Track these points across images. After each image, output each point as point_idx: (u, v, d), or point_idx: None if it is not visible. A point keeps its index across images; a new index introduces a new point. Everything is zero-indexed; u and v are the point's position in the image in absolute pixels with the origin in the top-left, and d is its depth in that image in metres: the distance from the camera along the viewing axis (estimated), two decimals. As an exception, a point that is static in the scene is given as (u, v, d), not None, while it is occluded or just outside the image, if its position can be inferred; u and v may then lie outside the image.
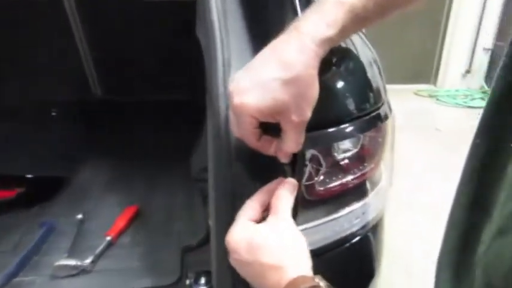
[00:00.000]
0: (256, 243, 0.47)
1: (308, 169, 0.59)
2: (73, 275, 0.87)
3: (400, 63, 3.65)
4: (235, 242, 0.48)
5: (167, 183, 1.16)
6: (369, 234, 0.79)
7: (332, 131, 0.61)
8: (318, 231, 0.69)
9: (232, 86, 0.48)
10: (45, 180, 1.19)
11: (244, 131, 0.51)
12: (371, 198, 0.77)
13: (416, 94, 3.69)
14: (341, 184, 0.70)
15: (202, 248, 0.93)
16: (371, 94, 0.69)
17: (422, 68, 3.83)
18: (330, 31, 0.46)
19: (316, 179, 0.61)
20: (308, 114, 0.49)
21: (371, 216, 0.78)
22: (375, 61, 0.75)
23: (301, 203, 0.64)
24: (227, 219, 0.55)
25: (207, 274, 0.84)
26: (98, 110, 1.70)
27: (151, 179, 1.21)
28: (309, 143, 0.58)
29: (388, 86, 0.78)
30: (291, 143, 0.51)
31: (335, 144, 0.66)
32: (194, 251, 0.93)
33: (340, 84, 0.64)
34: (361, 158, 0.73)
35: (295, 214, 0.59)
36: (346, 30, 0.47)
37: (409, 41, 3.64)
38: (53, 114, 1.71)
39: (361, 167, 0.73)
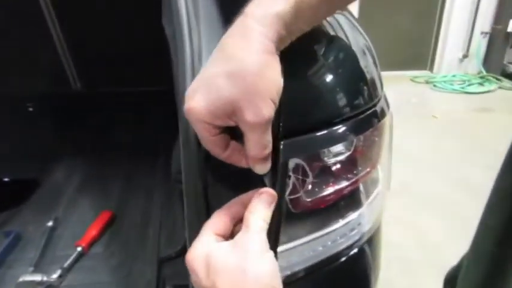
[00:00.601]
0: (214, 265, 0.38)
1: (292, 180, 0.50)
2: (38, 292, 0.78)
3: (395, 48, 3.56)
4: (193, 260, 0.39)
5: (145, 185, 1.07)
6: (365, 246, 0.71)
7: (319, 136, 0.52)
8: (306, 248, 0.60)
9: (187, 90, 0.41)
10: (13, 184, 1.10)
11: (203, 141, 0.43)
12: (367, 206, 0.69)
13: (412, 81, 3.61)
14: (332, 193, 0.61)
15: (181, 258, 0.84)
16: (365, 88, 0.60)
17: (418, 53, 3.74)
18: (277, 6, 0.39)
19: (301, 192, 0.53)
20: (265, 111, 0.39)
21: (367, 226, 0.70)
22: (369, 49, 0.66)
23: (285, 217, 0.55)
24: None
25: (186, 288, 0.76)
26: (76, 104, 1.60)
27: (128, 180, 1.12)
28: (291, 151, 0.49)
29: (383, 73, 0.69)
30: (252, 147, 0.42)
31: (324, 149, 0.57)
32: (172, 262, 0.84)
33: (328, 78, 0.54)
34: (354, 162, 0.64)
35: (275, 231, 0.51)
36: (302, 6, 0.40)
37: (403, 26, 3.54)
38: (30, 109, 1.60)
39: (355, 172, 0.64)
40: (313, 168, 0.57)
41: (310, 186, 0.58)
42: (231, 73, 0.38)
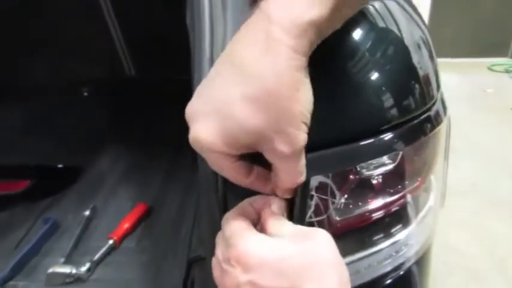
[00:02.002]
0: (294, 264, 0.32)
1: (314, 201, 0.42)
2: (68, 283, 0.78)
3: (472, 33, 3.23)
4: (259, 256, 0.33)
5: (185, 180, 1.04)
6: (413, 268, 0.61)
7: (354, 148, 0.43)
8: None
9: (187, 108, 0.34)
10: (58, 171, 1.12)
11: (219, 169, 0.36)
12: (416, 224, 0.59)
13: (490, 69, 3.26)
14: (369, 211, 0.53)
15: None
16: (417, 90, 0.50)
17: (497, 39, 3.36)
18: (312, 11, 0.30)
19: (326, 214, 0.44)
20: (300, 138, 0.32)
21: (416, 247, 0.60)
22: (425, 42, 0.55)
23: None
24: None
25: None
26: (129, 90, 1.61)
27: (169, 173, 1.09)
28: (315, 167, 0.41)
29: (457, 60, 0.58)
30: (286, 177, 0.35)
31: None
32: (202, 263, 0.80)
33: (369, 78, 0.46)
34: (401, 174, 0.55)
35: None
36: (341, 6, 0.32)
37: (481, 9, 3.20)
38: (85, 94, 1.65)
39: (400, 186, 0.55)
40: (345, 185, 0.49)
41: (341, 205, 0.49)
42: (255, 98, 0.31)
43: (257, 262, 0.32)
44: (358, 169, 0.49)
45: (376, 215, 0.54)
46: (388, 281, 0.58)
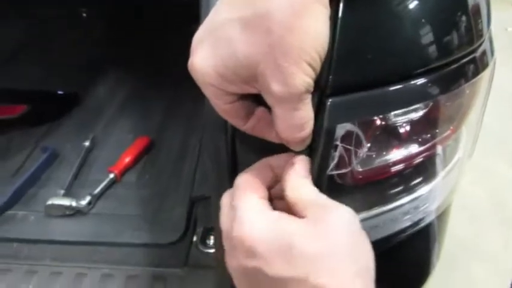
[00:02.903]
0: (305, 252, 0.28)
1: (339, 152, 0.37)
2: (68, 215, 0.76)
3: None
4: (263, 241, 0.29)
5: (188, 114, 0.97)
6: (434, 222, 0.58)
7: (383, 94, 0.36)
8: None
9: (193, 39, 0.31)
10: (56, 97, 1.06)
11: (216, 108, 0.32)
12: (442, 178, 0.54)
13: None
14: (395, 162, 0.47)
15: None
16: (464, 24, 0.42)
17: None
18: None
19: (350, 166, 0.39)
20: (298, 80, 0.27)
21: (438, 201, 0.56)
22: None
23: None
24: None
25: (218, 232, 0.69)
26: (133, 14, 1.49)
27: (171, 106, 1.02)
28: (341, 113, 0.35)
29: None
30: (283, 127, 0.30)
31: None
32: (205, 202, 0.77)
33: (404, 10, 0.38)
34: (432, 122, 0.48)
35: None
36: None
37: None
38: (83, 15, 1.53)
39: (429, 135, 0.49)
40: (371, 132, 0.43)
41: (364, 154, 0.44)
42: (249, 21, 0.27)
43: (264, 248, 0.29)
44: (386, 115, 0.43)
45: (400, 166, 0.49)
46: (406, 235, 0.54)
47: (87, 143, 0.91)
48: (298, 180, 0.32)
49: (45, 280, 0.66)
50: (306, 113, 0.30)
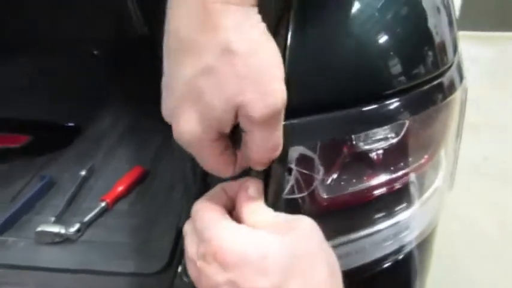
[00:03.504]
0: (278, 260, 0.29)
1: (294, 176, 0.37)
2: (56, 242, 0.76)
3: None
4: (238, 252, 0.29)
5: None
6: (414, 251, 0.56)
7: (345, 115, 0.37)
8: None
9: (162, 109, 0.35)
10: (58, 128, 1.10)
11: (208, 164, 0.34)
12: (417, 208, 0.53)
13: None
14: (366, 189, 0.47)
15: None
16: (428, 53, 0.43)
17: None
18: None
19: (307, 191, 0.39)
20: (278, 96, 0.28)
21: (417, 230, 0.55)
22: (446, 7, 0.47)
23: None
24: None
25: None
26: (139, 50, 1.55)
27: (168, 136, 1.04)
28: (296, 135, 0.35)
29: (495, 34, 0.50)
30: (259, 148, 0.31)
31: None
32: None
33: (373, 34, 0.39)
34: (404, 150, 0.49)
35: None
36: None
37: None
38: (94, 52, 1.60)
39: (402, 163, 0.49)
40: (337, 159, 0.43)
41: (332, 181, 0.44)
42: (213, 67, 0.28)
43: (236, 259, 0.29)
44: (354, 142, 0.44)
45: (374, 193, 0.49)
46: (387, 265, 0.53)
47: (83, 172, 0.93)
48: (252, 203, 0.33)
49: (27, 307, 0.66)
50: (281, 132, 0.31)
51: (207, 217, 0.32)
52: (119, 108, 1.19)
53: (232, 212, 0.35)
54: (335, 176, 0.45)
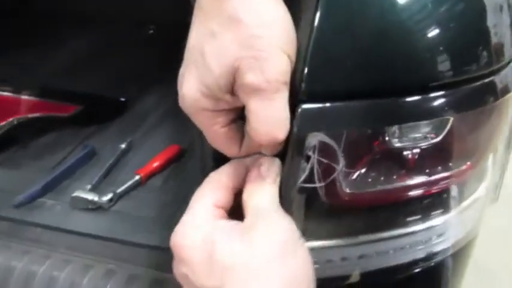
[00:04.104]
0: (221, 259, 0.28)
1: (311, 164, 0.35)
2: (90, 209, 0.79)
3: None
4: (187, 248, 0.30)
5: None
6: (447, 260, 0.52)
7: (378, 105, 0.34)
8: (354, 251, 0.45)
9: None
10: (107, 101, 1.13)
11: (210, 137, 0.34)
12: (453, 215, 0.49)
13: None
14: (394, 190, 0.44)
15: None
16: (483, 48, 0.39)
17: None
18: None
19: (324, 181, 0.37)
20: (276, 66, 0.27)
21: (450, 241, 0.51)
22: (510, 5, 0.43)
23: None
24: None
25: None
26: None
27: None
28: (316, 122, 0.33)
29: None
30: (255, 122, 0.29)
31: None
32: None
33: (425, 25, 0.36)
34: (444, 153, 0.45)
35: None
36: None
37: None
38: (150, 32, 1.64)
39: (440, 168, 0.45)
40: (366, 154, 0.40)
41: (357, 176, 0.41)
42: (217, 31, 0.28)
43: (187, 256, 0.30)
44: (387, 138, 0.41)
45: (404, 195, 0.46)
46: (415, 271, 0.50)
47: (123, 146, 0.96)
48: (256, 184, 0.32)
49: (55, 266, 0.69)
50: (282, 107, 0.29)
51: (198, 201, 0.34)
52: (165, 89, 1.21)
53: None
54: (362, 171, 0.42)
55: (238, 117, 0.33)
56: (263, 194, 0.31)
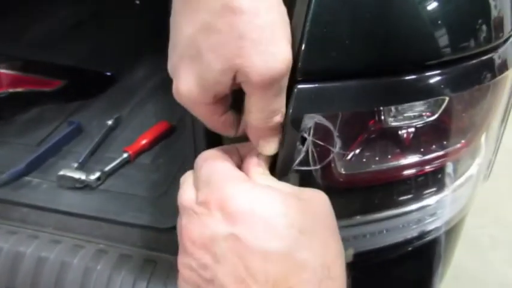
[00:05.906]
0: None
1: (306, 147, 0.33)
2: (77, 188, 0.78)
3: None
4: (251, 207, 0.26)
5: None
6: (441, 236, 0.53)
7: (374, 85, 0.33)
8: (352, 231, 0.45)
9: (169, 65, 0.33)
10: (92, 75, 1.10)
11: (209, 124, 0.33)
12: (447, 194, 0.49)
13: None
14: (389, 169, 0.43)
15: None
16: (482, 23, 0.38)
17: None
18: None
19: (320, 164, 0.35)
20: (282, 55, 0.26)
21: (442, 220, 0.51)
22: None
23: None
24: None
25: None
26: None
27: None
28: (312, 102, 0.32)
29: None
30: (257, 112, 0.29)
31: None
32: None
33: (420, 4, 0.34)
34: (440, 131, 0.44)
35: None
36: None
37: None
38: (136, 2, 1.58)
39: (435, 146, 0.44)
40: (361, 134, 0.39)
41: (352, 156, 0.40)
42: (211, 25, 0.26)
43: (247, 211, 0.26)
44: (383, 117, 0.39)
45: (399, 175, 0.45)
46: (409, 249, 0.50)
47: (110, 122, 0.93)
48: (262, 169, 0.31)
49: (44, 246, 0.67)
50: (282, 101, 0.29)
51: (216, 165, 0.31)
52: (154, 62, 1.18)
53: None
54: (357, 151, 0.41)
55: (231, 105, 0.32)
56: (267, 179, 0.31)
